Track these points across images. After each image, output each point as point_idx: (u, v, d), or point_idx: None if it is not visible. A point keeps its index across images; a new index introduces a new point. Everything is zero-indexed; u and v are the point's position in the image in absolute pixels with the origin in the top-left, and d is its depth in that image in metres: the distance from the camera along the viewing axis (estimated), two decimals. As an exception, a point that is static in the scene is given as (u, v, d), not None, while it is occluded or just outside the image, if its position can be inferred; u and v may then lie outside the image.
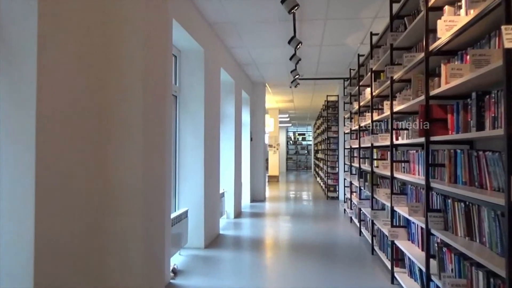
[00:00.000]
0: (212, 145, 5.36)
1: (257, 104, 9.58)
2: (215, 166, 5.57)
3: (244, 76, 8.24)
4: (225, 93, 6.99)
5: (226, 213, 6.93)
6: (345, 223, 6.58)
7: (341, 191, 9.47)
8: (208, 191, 5.09)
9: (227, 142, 6.97)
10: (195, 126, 4.86)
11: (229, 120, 7.00)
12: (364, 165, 5.68)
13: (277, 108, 14.80)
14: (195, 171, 4.85)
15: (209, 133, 5.15)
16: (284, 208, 8.54)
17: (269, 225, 6.64)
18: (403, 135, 3.75)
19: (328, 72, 8.12)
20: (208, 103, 5.09)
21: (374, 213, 4.54)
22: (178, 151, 4.86)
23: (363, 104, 5.41)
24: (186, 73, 4.89)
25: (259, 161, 9.53)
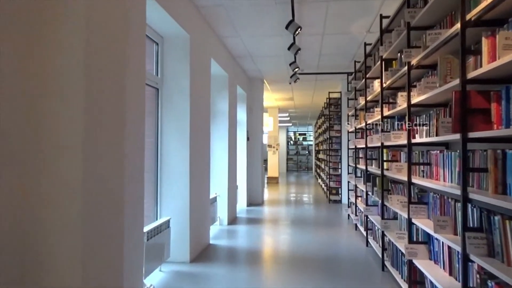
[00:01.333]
0: (201, 144, 4.75)
1: (254, 101, 8.97)
2: (204, 168, 4.96)
3: (239, 71, 7.63)
4: (217, 87, 6.39)
5: (218, 219, 6.32)
6: (349, 231, 5.97)
7: (344, 194, 8.86)
8: (195, 196, 4.49)
9: (220, 141, 6.36)
10: (179, 123, 4.26)
11: (222, 118, 6.39)
12: (371, 167, 5.07)
13: (276, 106, 14.19)
14: (179, 175, 4.24)
15: (197, 131, 4.55)
16: (283, 213, 7.93)
17: (266, 233, 6.03)
18: (421, 132, 3.14)
19: (331, 66, 7.50)
20: (196, 97, 4.49)
21: (385, 223, 3.92)
22: (160, 152, 4.25)
23: (371, 98, 4.80)
24: (169, 63, 4.28)
25: (256, 162, 8.93)
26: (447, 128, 2.29)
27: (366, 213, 4.90)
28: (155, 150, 4.25)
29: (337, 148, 9.33)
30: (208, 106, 5.16)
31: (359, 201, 6.04)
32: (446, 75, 2.39)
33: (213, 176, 6.32)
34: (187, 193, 4.23)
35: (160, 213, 4.23)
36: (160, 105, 4.26)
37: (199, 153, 4.68)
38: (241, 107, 8.37)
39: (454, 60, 2.35)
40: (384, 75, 3.91)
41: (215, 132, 6.35)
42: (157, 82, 4.17)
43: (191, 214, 4.32)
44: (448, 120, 2.28)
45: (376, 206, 4.89)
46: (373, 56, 4.83)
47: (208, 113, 5.19)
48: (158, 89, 4.25)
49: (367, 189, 4.89)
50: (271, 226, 6.60)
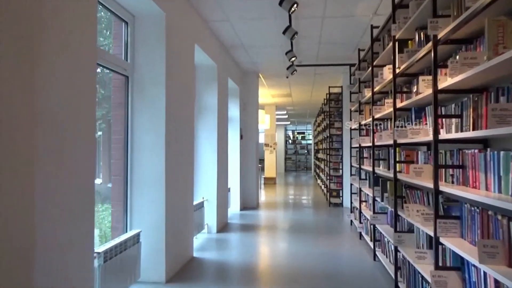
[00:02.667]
0: (182, 143, 4.08)
1: (248, 96, 8.30)
2: (187, 169, 4.29)
3: (231, 63, 6.96)
4: (205, 79, 5.71)
5: (206, 226, 5.65)
6: (353, 240, 5.30)
7: (346, 197, 8.19)
8: (174, 203, 3.82)
9: (208, 140, 5.69)
10: (153, 117, 3.58)
11: (211, 113, 5.72)
12: (378, 168, 4.40)
13: (273, 103, 13.52)
14: (153, 178, 3.57)
15: (176, 128, 3.88)
16: (280, 218, 7.26)
17: (260, 242, 5.36)
18: (448, 127, 2.47)
19: (331, 57, 6.83)
20: (174, 88, 3.82)
21: (399, 236, 3.26)
22: (131, 151, 3.58)
23: (379, 89, 4.13)
24: (141, 46, 3.61)
25: (251, 162, 8.26)
26: (502, 118, 1.62)
27: (374, 222, 4.23)
28: (124, 149, 3.58)
29: (338, 147, 8.66)
30: (192, 99, 4.48)
31: (364, 207, 5.38)
32: (497, 44, 1.72)
33: (200, 179, 5.65)
34: (162, 199, 3.56)
35: (131, 224, 3.56)
36: (131, 95, 3.59)
37: (180, 152, 4.01)
38: (234, 103, 7.70)
39: (509, 23, 1.68)
40: (398, 58, 3.24)
41: (202, 129, 5.68)
42: (126, 69, 3.49)
43: (168, 224, 3.65)
44: (504, 107, 1.60)
45: (385, 214, 4.23)
46: (381, 40, 4.16)
47: (192, 107, 4.51)
48: (127, 76, 3.57)
49: (375, 194, 4.23)
50: (265, 233, 5.93)
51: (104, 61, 3.09)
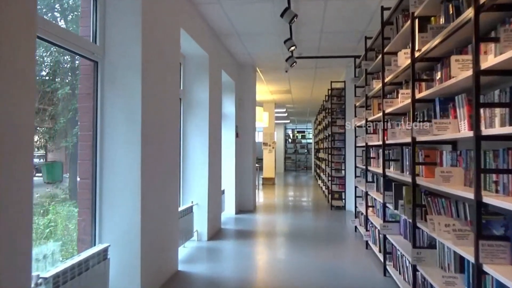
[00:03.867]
0: (163, 140, 3.54)
1: (245, 92, 7.75)
2: (171, 171, 3.75)
3: (225, 54, 6.41)
4: (195, 71, 5.16)
5: (196, 234, 5.11)
6: (358, 250, 4.76)
7: (349, 200, 7.66)
8: (152, 210, 3.28)
9: (198, 138, 5.14)
10: (128, 110, 3.04)
11: (201, 108, 5.17)
12: (389, 170, 3.86)
13: (272, 101, 12.97)
14: (127, 182, 3.02)
15: (156, 123, 3.33)
16: (278, 223, 6.71)
17: (255, 252, 4.82)
18: (489, 120, 1.93)
19: (334, 48, 6.29)
20: (153, 75, 3.27)
21: (419, 253, 2.71)
22: (100, 150, 3.03)
23: (391, 79, 3.59)
24: (113, 26, 3.06)
25: (247, 162, 7.71)
26: None
27: (384, 232, 3.69)
28: (92, 147, 3.03)
29: (340, 146, 8.12)
30: (177, 91, 3.94)
31: (371, 212, 4.83)
32: None
33: (189, 181, 5.11)
34: (137, 206, 3.02)
35: (100, 236, 3.02)
36: (100, 84, 3.04)
37: (161, 151, 3.46)
38: (229, 98, 7.15)
39: None
40: (418, 39, 2.69)
41: (192, 126, 5.13)
42: (94, 52, 2.94)
43: (145, 234, 3.10)
44: None
45: (397, 223, 3.69)
46: (394, 23, 3.61)
47: (177, 100, 3.96)
48: (97, 62, 3.02)
49: (386, 200, 3.68)
50: (262, 241, 5.39)
51: (64, 41, 2.54)
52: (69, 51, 2.76)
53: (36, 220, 3.20)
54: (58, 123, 3.37)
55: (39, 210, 3.26)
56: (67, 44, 2.62)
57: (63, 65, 3.43)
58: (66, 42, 2.60)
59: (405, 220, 3.45)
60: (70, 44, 2.65)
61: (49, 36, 2.40)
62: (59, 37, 2.50)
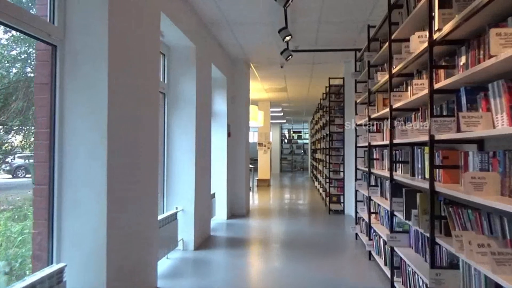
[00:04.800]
0: (138, 138, 3.07)
1: (238, 88, 7.28)
2: (148, 174, 3.27)
3: (215, 46, 5.94)
4: (180, 63, 4.69)
5: (181, 243, 4.63)
6: (360, 261, 4.30)
7: (348, 204, 7.21)
8: (123, 220, 2.81)
9: (184, 136, 4.67)
10: (92, 103, 2.57)
11: (187, 105, 4.69)
12: (396, 173, 3.41)
13: (268, 99, 12.52)
14: (91, 189, 2.55)
15: (127, 118, 2.86)
16: (272, 229, 6.25)
17: (246, 264, 4.36)
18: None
19: (334, 41, 5.84)
20: (123, 63, 2.80)
21: (438, 274, 2.26)
22: (59, 152, 2.56)
23: (399, 69, 3.13)
24: (75, 4, 2.59)
25: (240, 164, 7.24)
26: None
27: (392, 244, 3.24)
28: (50, 147, 2.56)
29: (339, 147, 7.67)
30: (156, 84, 3.46)
31: (374, 219, 4.38)
32: None
33: (174, 185, 4.63)
34: (103, 216, 2.54)
35: (59, 253, 2.54)
36: (60, 72, 2.56)
37: (134, 152, 2.99)
38: (220, 95, 6.69)
39: None
40: (438, 16, 2.23)
41: (177, 124, 4.66)
42: (51, 34, 2.46)
43: (114, 249, 2.63)
44: None
45: (406, 233, 3.24)
46: (405, 4, 3.14)
47: (156, 95, 3.49)
48: (55, 46, 2.55)
49: (394, 207, 3.22)
50: (254, 251, 4.93)
51: (13, 20, 2.07)
52: (19, 31, 2.29)
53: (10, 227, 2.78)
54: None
55: (18, 214, 2.83)
56: (17, 24, 2.15)
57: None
58: (16, 21, 2.13)
59: (416, 231, 3.00)
60: (21, 24, 2.18)
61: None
62: (7, 15, 2.03)
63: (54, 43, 2.53)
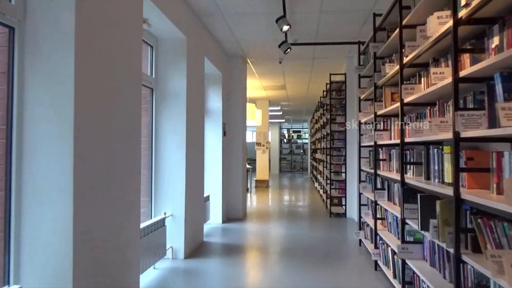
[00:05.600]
0: (114, 136, 2.69)
1: (234, 85, 6.90)
2: (128, 177, 2.89)
3: (210, 40, 5.57)
4: (170, 56, 4.32)
5: (171, 250, 4.26)
6: (366, 272, 3.93)
7: (350, 206, 6.84)
8: (93, 232, 2.43)
9: (173, 135, 4.29)
10: (55, 94, 2.20)
11: (177, 101, 4.32)
12: (408, 176, 3.04)
13: (266, 98, 12.14)
14: (55, 195, 2.18)
15: (101, 111, 2.49)
16: (270, 235, 5.88)
17: (242, 275, 3.98)
18: None
19: (335, 34, 5.47)
20: (95, 46, 2.43)
21: (464, 299, 1.89)
22: (17, 152, 2.18)
23: (412, 58, 2.76)
24: (38, -21, 2.22)
25: (236, 164, 6.87)
26: None
27: (404, 256, 2.87)
28: (7, 147, 2.18)
29: (340, 146, 7.30)
30: (137, 75, 3.08)
31: (381, 226, 4.01)
32: None
33: (162, 188, 4.26)
34: (68, 228, 2.17)
35: (16, 272, 2.16)
36: (19, 59, 2.19)
37: (110, 153, 2.61)
38: (215, 92, 6.31)
39: None
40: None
41: (166, 121, 4.29)
42: (6, 14, 2.09)
43: (82, 267, 2.26)
44: None
45: (419, 244, 2.87)
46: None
47: (138, 88, 3.11)
48: (13, 28, 2.17)
49: (405, 215, 2.85)
50: (250, 259, 4.56)
51: None
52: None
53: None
54: None
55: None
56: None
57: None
58: None
59: (432, 242, 2.63)
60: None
61: None
62: None
63: (12, 25, 2.16)
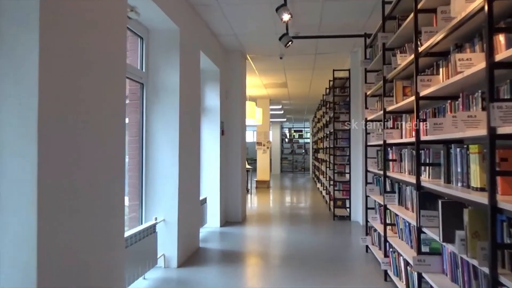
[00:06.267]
0: (93, 137, 2.37)
1: (233, 82, 6.58)
2: (110, 183, 2.57)
3: (206, 33, 5.25)
4: (161, 47, 4.00)
5: (163, 258, 3.95)
6: (374, 282, 3.61)
7: (355, 209, 6.52)
8: (66, 244, 2.12)
9: (165, 134, 3.98)
10: (18, 85, 1.88)
11: (170, 97, 4.00)
12: (423, 179, 2.71)
13: (267, 96, 11.83)
14: (17, 202, 1.86)
15: (73, 110, 2.17)
16: (271, 240, 5.56)
17: (239, 285, 3.66)
18: None
19: (340, 26, 5.15)
20: (64, 33, 2.11)
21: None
22: (-27, 151, 1.87)
23: (430, 45, 2.43)
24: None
25: (235, 164, 6.55)
26: None
27: (420, 269, 2.54)
28: (-40, 146, 1.86)
29: (344, 146, 6.97)
30: (121, 66, 2.76)
31: (391, 232, 3.69)
32: None
33: (154, 192, 3.95)
34: (32, 241, 1.85)
35: (-28, 290, 1.85)
36: (-26, 44, 1.87)
37: (86, 150, 2.30)
38: (213, 89, 6.00)
39: None
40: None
41: (157, 118, 3.97)
42: (-43, -11, 1.77)
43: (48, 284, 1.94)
44: None
45: (438, 256, 2.54)
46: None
47: (122, 81, 2.79)
48: (-32, 8, 1.86)
49: (422, 222, 2.53)
50: (249, 268, 4.24)
51: None
52: None
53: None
54: None
55: None
56: None
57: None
58: None
59: (453, 254, 2.31)
60: None
61: None
62: None
63: (-34, 4, 1.84)
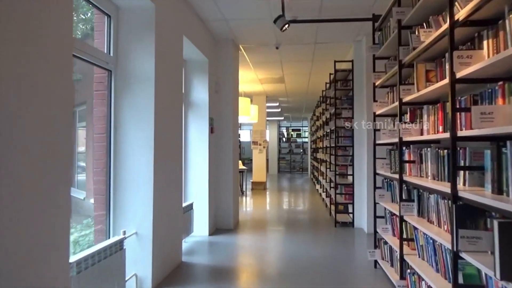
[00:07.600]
0: (21, 127, 1.73)
1: (223, 74, 5.93)
2: (49, 197, 1.93)
3: (191, 15, 4.61)
4: (133, 30, 3.36)
5: (135, 279, 3.30)
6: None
7: (359, 214, 5.89)
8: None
9: (138, 128, 3.33)
10: None
11: (143, 86, 3.35)
12: (461, 187, 2.08)
13: (263, 93, 11.19)
14: None
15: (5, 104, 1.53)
16: (266, 252, 4.92)
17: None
18: None
19: (342, 9, 4.52)
20: None
21: None
22: None
23: (474, 8, 1.81)
24: None
25: (226, 166, 5.91)
26: None
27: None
28: None
29: (346, 145, 6.35)
30: (66, 41, 2.12)
31: (409, 249, 3.06)
32: None
33: (124, 201, 3.30)
34: None
35: None
36: None
37: (24, 154, 1.65)
38: (200, 81, 5.36)
39: None
40: None
41: (126, 111, 3.33)
42: None
43: None
44: None
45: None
46: None
47: (67, 57, 2.15)
48: None
49: (461, 246, 1.89)
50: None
51: None
52: None
53: None
54: None
55: None
56: None
57: None
58: None
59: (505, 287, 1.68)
60: None
61: None
62: None
63: None
